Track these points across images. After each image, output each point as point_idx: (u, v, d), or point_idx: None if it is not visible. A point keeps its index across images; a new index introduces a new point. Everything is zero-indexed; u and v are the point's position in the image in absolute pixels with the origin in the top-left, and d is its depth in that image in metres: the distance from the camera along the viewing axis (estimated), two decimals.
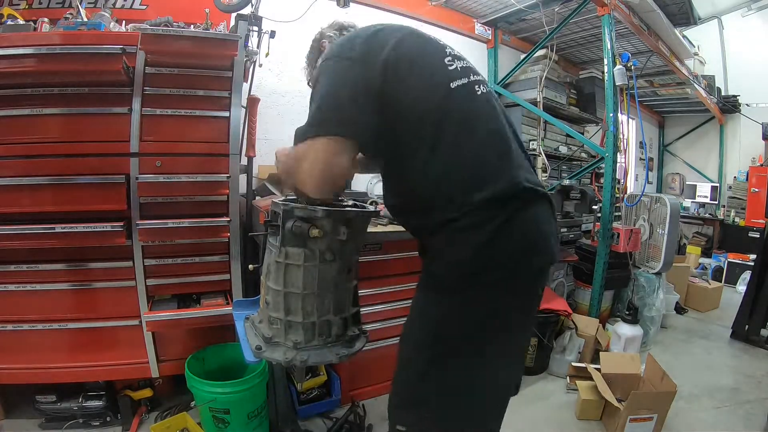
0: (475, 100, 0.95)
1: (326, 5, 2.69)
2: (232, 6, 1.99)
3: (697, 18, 4.05)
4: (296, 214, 0.93)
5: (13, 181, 1.61)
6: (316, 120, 0.87)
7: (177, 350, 1.88)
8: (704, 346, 3.04)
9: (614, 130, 2.69)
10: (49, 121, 1.65)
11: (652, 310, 2.94)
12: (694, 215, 6.20)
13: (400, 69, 0.90)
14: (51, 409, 1.76)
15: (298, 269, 0.95)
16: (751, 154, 5.79)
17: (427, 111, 0.90)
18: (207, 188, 1.80)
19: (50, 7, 2.11)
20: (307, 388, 1.99)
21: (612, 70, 2.69)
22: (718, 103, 5.68)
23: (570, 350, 2.46)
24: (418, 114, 0.90)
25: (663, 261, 2.98)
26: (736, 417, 2.11)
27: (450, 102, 0.91)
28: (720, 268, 4.89)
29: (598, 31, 3.59)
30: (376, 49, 0.91)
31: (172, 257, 1.82)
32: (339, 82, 0.89)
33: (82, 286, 1.75)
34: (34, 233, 1.58)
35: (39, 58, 1.53)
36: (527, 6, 3.26)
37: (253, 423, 1.72)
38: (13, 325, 1.72)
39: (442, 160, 0.89)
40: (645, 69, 4.31)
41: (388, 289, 2.08)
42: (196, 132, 1.79)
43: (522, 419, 2.03)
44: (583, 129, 4.31)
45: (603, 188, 2.79)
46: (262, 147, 2.67)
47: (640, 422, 1.83)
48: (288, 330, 0.98)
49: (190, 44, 1.68)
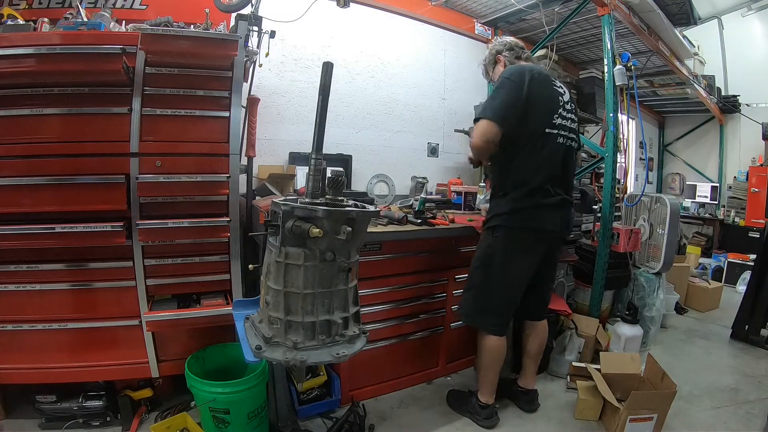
0: (555, 144, 1.82)
1: (326, 5, 2.69)
2: (232, 6, 1.99)
3: (697, 18, 4.06)
4: (296, 213, 0.93)
5: (13, 181, 1.61)
6: (487, 109, 1.72)
7: (177, 350, 1.88)
8: (704, 346, 3.04)
9: (614, 130, 2.69)
10: (49, 121, 1.64)
11: (652, 310, 2.94)
12: (694, 215, 6.20)
13: (533, 98, 1.73)
14: (51, 409, 1.76)
15: (298, 269, 0.95)
16: (751, 154, 5.79)
17: (532, 134, 1.76)
18: (207, 188, 1.80)
19: (50, 7, 2.11)
20: (307, 388, 1.98)
21: (612, 70, 2.69)
22: (718, 103, 5.68)
23: (570, 350, 2.46)
24: (528, 133, 1.76)
25: (663, 261, 2.98)
26: (736, 417, 2.11)
27: (543, 138, 1.78)
28: (720, 268, 4.88)
29: (598, 31, 3.59)
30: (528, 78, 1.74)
31: (172, 257, 1.82)
32: (509, 93, 1.72)
33: (82, 286, 1.75)
34: (34, 233, 1.58)
35: (39, 58, 1.53)
36: (527, 6, 3.27)
37: (253, 423, 1.72)
38: (13, 325, 1.72)
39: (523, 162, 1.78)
40: (645, 69, 4.31)
41: (388, 289, 2.08)
42: (196, 132, 1.79)
43: (522, 418, 2.04)
44: (583, 129, 4.31)
45: (603, 188, 2.79)
46: (262, 147, 2.68)
47: (640, 422, 1.83)
48: (288, 330, 0.98)
49: (190, 44, 1.68)
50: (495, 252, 1.84)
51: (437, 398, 2.18)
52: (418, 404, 2.13)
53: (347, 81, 3.12)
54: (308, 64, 2.87)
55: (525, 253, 1.85)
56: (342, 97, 3.09)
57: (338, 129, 3.08)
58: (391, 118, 3.38)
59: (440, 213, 2.46)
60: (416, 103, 3.50)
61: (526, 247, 1.84)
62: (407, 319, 2.18)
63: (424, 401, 2.16)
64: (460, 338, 2.40)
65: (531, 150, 1.76)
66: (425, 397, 2.20)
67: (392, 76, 3.34)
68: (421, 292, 2.21)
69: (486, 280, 1.87)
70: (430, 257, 2.22)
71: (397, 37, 3.35)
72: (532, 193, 1.77)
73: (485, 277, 1.87)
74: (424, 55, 3.51)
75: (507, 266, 1.83)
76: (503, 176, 1.83)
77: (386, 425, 1.95)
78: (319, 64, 1.10)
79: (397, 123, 3.41)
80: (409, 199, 2.80)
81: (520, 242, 1.82)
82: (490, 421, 1.94)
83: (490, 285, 1.86)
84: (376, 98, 3.27)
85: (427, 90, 3.55)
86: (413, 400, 2.16)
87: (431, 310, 2.27)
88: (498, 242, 1.83)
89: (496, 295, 1.86)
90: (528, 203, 1.77)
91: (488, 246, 1.86)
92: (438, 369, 2.38)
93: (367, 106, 3.24)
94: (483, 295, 1.87)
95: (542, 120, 1.77)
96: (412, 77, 3.44)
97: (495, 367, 1.93)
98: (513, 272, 1.85)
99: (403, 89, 3.41)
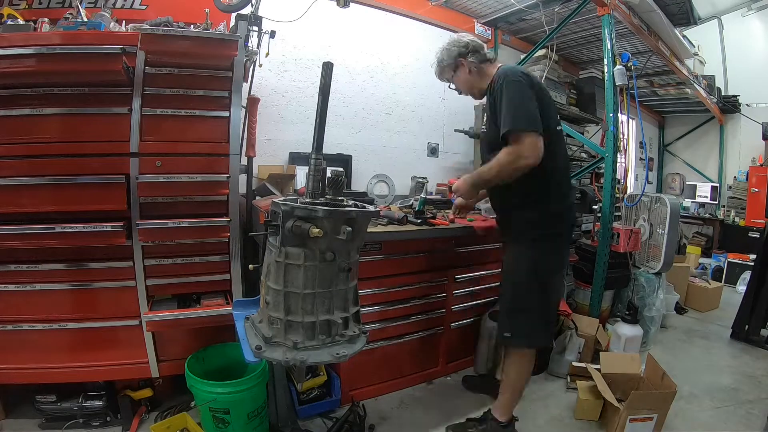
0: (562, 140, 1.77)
1: (326, 5, 2.69)
2: (232, 6, 1.99)
3: (697, 18, 4.06)
4: (296, 213, 0.93)
5: (13, 181, 1.61)
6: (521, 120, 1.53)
7: (177, 350, 1.88)
8: (704, 346, 3.04)
9: (614, 130, 2.69)
10: (49, 121, 1.64)
11: (652, 310, 2.94)
12: (694, 215, 6.19)
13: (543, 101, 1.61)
14: (51, 409, 1.76)
15: (298, 269, 0.95)
16: (751, 154, 5.79)
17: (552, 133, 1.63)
18: (207, 188, 1.80)
19: (50, 7, 2.11)
20: (307, 388, 1.98)
21: (612, 70, 2.69)
22: (718, 103, 5.68)
23: (570, 350, 2.46)
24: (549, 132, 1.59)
25: (663, 261, 2.98)
26: (736, 417, 2.11)
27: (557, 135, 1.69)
28: (720, 268, 4.88)
29: (598, 31, 3.59)
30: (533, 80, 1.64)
31: (172, 257, 1.82)
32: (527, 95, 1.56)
33: (82, 286, 1.75)
34: (34, 233, 1.58)
35: (39, 58, 1.53)
36: (527, 6, 3.27)
37: (253, 423, 1.71)
38: (13, 325, 1.72)
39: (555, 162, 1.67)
40: (645, 69, 4.31)
41: (388, 289, 2.08)
42: (196, 132, 1.79)
43: (522, 418, 2.03)
44: (583, 129, 4.31)
45: (603, 188, 2.79)
46: (262, 147, 2.68)
47: (640, 422, 1.83)
48: (288, 330, 0.98)
49: (190, 44, 1.68)
50: (542, 265, 1.69)
51: (437, 398, 2.18)
52: (418, 404, 2.13)
53: (347, 81, 3.12)
54: (308, 64, 2.87)
55: (565, 257, 1.84)
56: (342, 97, 3.09)
57: (338, 129, 3.08)
58: (391, 118, 3.38)
59: (440, 213, 2.46)
60: (416, 103, 3.50)
61: (566, 252, 1.83)
62: (407, 319, 2.18)
63: (424, 401, 2.16)
64: (460, 338, 2.40)
65: (556, 149, 1.66)
66: (425, 397, 2.20)
67: (392, 76, 3.34)
68: (420, 292, 2.21)
69: (539, 298, 1.71)
70: (430, 257, 2.22)
71: (397, 37, 3.35)
72: (567, 194, 1.74)
73: (538, 295, 1.70)
74: (424, 55, 3.50)
75: (554, 277, 1.75)
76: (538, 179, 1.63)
77: (386, 425, 1.95)
78: (319, 64, 1.10)
79: (397, 123, 3.41)
80: (409, 199, 2.79)
81: (562, 247, 1.78)
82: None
83: (543, 302, 1.72)
84: (376, 98, 3.27)
85: (427, 90, 3.54)
86: (413, 400, 2.16)
87: (431, 310, 2.26)
88: (544, 253, 1.69)
89: (549, 311, 1.78)
90: (566, 205, 1.73)
91: (532, 261, 1.69)
92: (438, 369, 2.38)
93: (367, 106, 3.24)
94: (536, 314, 1.72)
95: (553, 115, 1.69)
96: (412, 77, 3.44)
97: (528, 378, 1.85)
98: (557, 281, 1.80)
99: (403, 89, 3.41)
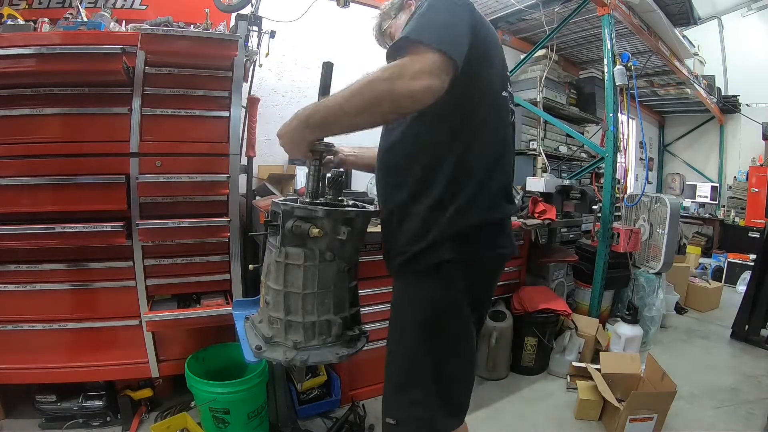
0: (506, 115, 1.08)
1: (326, 5, 2.68)
2: (232, 6, 1.99)
3: (697, 18, 4.05)
4: (296, 214, 0.93)
5: (13, 181, 1.61)
6: (423, 29, 0.86)
7: (177, 350, 1.88)
8: (704, 346, 3.04)
9: (614, 130, 2.69)
10: (49, 121, 1.65)
11: (652, 310, 2.94)
12: (694, 215, 6.20)
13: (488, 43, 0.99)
14: (51, 409, 1.76)
15: (298, 269, 0.95)
16: (751, 154, 5.79)
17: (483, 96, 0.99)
18: (207, 188, 1.80)
19: (50, 7, 2.11)
20: (307, 388, 1.98)
21: (612, 70, 2.69)
22: (718, 103, 5.68)
23: (570, 350, 2.46)
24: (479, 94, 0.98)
25: (663, 261, 2.98)
26: (736, 417, 2.11)
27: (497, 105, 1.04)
28: (720, 268, 4.88)
29: (598, 31, 3.59)
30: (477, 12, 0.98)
31: (172, 257, 1.82)
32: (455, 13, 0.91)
33: (82, 286, 1.75)
34: (34, 233, 1.58)
35: (39, 58, 1.53)
36: (527, 6, 3.26)
37: (253, 423, 1.72)
38: (13, 325, 1.72)
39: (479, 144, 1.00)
40: (645, 69, 4.31)
41: (388, 289, 2.08)
42: (196, 132, 1.78)
43: (522, 419, 2.04)
44: (583, 129, 4.31)
45: (603, 188, 2.79)
46: (262, 147, 2.67)
47: (640, 422, 1.83)
48: (288, 330, 0.98)
49: (190, 44, 1.68)
50: (448, 305, 1.02)
51: None
52: None
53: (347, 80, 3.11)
54: (308, 64, 2.87)
55: (487, 288, 1.14)
56: None
57: None
58: None
59: None
60: None
61: (488, 282, 1.13)
62: None
63: None
64: None
65: (482, 124, 0.99)
66: None
67: None
68: None
69: (441, 357, 1.03)
70: None
71: None
72: (498, 197, 1.03)
73: (439, 353, 1.03)
74: None
75: (468, 321, 1.06)
76: (453, 160, 0.97)
77: None
78: (319, 64, 1.10)
79: None
80: None
81: (481, 276, 1.07)
82: None
83: (450, 363, 1.04)
84: None
85: None
86: None
87: None
88: (451, 287, 1.00)
89: (459, 373, 1.08)
90: (494, 215, 1.02)
91: (432, 300, 1.02)
92: None
93: None
94: (438, 383, 1.03)
95: (499, 73, 1.05)
96: None
97: None
98: (470, 328, 1.08)
99: None
